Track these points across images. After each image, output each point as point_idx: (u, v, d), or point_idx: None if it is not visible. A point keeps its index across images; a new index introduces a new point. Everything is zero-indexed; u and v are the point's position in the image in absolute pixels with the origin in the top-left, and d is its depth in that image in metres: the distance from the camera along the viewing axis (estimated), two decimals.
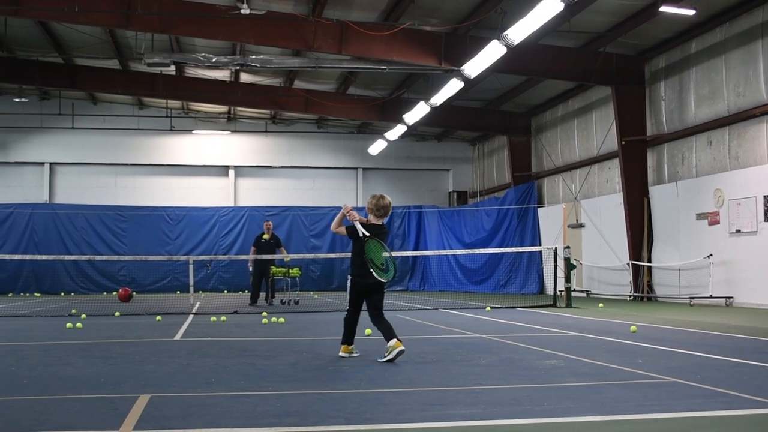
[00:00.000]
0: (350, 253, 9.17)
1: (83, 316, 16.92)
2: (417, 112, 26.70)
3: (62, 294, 32.07)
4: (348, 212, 9.05)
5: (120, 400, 6.35)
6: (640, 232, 23.34)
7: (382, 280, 8.74)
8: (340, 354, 9.13)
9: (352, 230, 8.98)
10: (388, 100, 29.78)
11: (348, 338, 9.19)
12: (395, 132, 30.67)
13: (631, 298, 23.34)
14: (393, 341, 8.61)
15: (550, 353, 9.41)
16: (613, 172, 25.52)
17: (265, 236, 22.56)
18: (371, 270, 8.77)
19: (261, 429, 5.18)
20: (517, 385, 7.02)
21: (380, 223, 9.18)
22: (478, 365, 8.42)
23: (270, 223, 23.19)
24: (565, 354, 9.28)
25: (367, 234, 8.86)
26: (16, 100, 32.75)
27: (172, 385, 7.19)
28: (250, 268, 22.52)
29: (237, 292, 31.63)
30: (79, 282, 33.40)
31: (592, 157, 26.74)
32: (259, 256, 21.73)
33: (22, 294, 32.15)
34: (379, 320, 8.96)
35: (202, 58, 23.25)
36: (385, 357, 8.61)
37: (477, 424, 5.27)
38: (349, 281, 9.15)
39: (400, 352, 8.55)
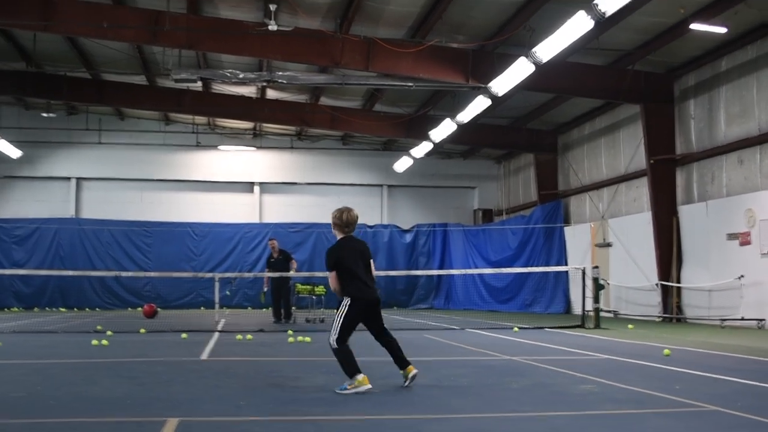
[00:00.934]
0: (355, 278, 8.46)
1: (109, 333, 16.86)
2: (443, 130, 26.56)
3: (87, 309, 32.11)
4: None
5: (148, 424, 6.23)
6: (669, 252, 23.04)
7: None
8: (358, 389, 7.92)
9: (332, 266, 8.44)
10: (414, 117, 29.66)
11: (356, 367, 8.13)
12: (421, 149, 30.54)
13: (661, 319, 23.00)
14: (408, 367, 8.38)
15: (583, 377, 9.21)
16: (641, 190, 25.25)
17: (274, 255, 22.60)
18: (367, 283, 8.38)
19: None
20: (554, 412, 6.83)
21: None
22: (511, 389, 8.24)
23: (274, 241, 23.16)
24: (598, 378, 9.08)
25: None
26: (44, 115, 32.86)
27: (200, 408, 7.06)
28: (265, 289, 22.67)
29: (261, 309, 31.52)
30: (104, 297, 33.43)
31: (620, 175, 26.48)
32: (273, 274, 21.75)
33: (47, 309, 32.22)
34: (389, 339, 8.51)
35: (229, 75, 23.24)
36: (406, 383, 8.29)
37: None
38: (345, 306, 8.30)
39: (414, 377, 8.32)
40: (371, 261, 8.70)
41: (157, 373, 9.67)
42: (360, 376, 7.96)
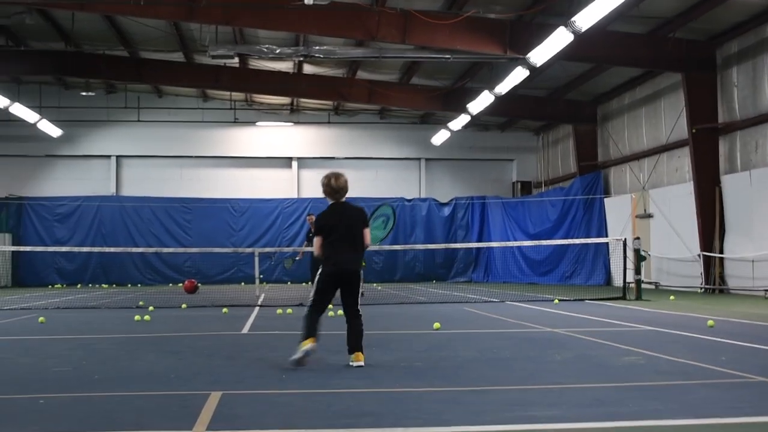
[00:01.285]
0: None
1: (151, 308, 17.01)
2: (481, 102, 26.35)
3: (129, 285, 32.47)
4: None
5: (191, 397, 6.26)
6: (711, 223, 22.72)
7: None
8: (301, 350, 7.78)
9: (317, 231, 8.37)
10: (451, 90, 29.47)
11: (306, 334, 7.94)
12: (458, 122, 30.35)
13: (702, 290, 22.75)
14: (356, 354, 7.96)
15: (626, 349, 9.11)
16: (682, 160, 24.90)
17: (312, 230, 22.59)
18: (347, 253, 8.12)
19: (337, 430, 5.02)
20: (597, 384, 6.77)
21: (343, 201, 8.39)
22: (554, 362, 8.18)
23: (312, 216, 23.15)
24: (642, 350, 8.97)
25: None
26: (83, 94, 33.19)
27: (242, 381, 7.09)
28: (297, 258, 22.61)
29: (300, 283, 31.65)
30: (145, 273, 33.81)
31: (661, 145, 26.12)
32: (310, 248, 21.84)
33: (89, 285, 32.63)
34: (353, 320, 8.17)
35: (265, 50, 23.20)
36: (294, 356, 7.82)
37: (561, 426, 5.05)
38: (319, 273, 8.18)
39: (359, 367, 7.82)
40: (365, 230, 8.31)
41: (199, 348, 9.73)
42: (305, 341, 7.84)
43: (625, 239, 20.75)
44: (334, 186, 8.28)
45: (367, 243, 8.35)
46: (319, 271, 8.19)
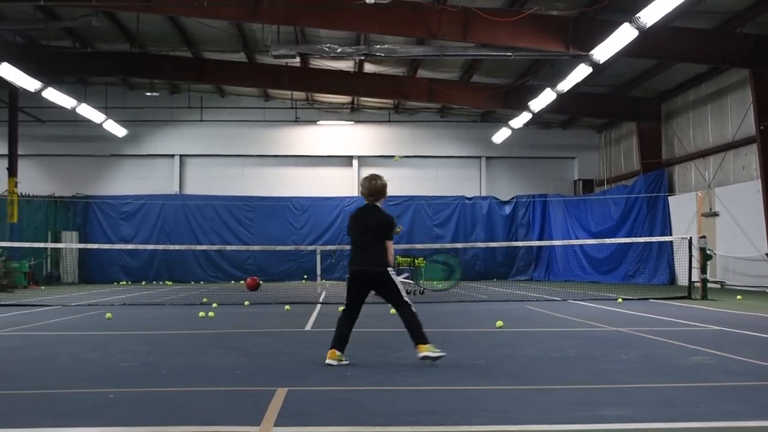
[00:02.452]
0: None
1: (214, 305, 17.20)
2: (542, 99, 26.12)
3: (192, 282, 32.87)
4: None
5: (258, 393, 6.31)
6: None
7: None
8: (327, 361, 7.90)
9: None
10: (512, 88, 29.27)
11: (335, 341, 8.04)
12: (520, 120, 30.14)
13: None
14: (419, 345, 7.89)
15: (694, 349, 8.96)
16: (749, 158, 24.40)
17: None
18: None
19: (402, 428, 5.02)
20: (666, 384, 6.67)
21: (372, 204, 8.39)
22: (620, 361, 8.07)
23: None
24: (710, 350, 8.82)
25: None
26: (148, 94, 33.73)
27: (307, 378, 7.13)
28: None
29: None
30: (208, 271, 34.23)
31: (727, 143, 25.63)
32: None
33: (154, 282, 33.13)
34: (401, 309, 8.12)
35: (327, 49, 23.31)
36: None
37: (633, 426, 4.99)
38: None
39: (425, 358, 7.78)
40: (387, 242, 8.20)
41: (263, 344, 9.81)
42: (329, 351, 7.94)
43: (691, 238, 20.42)
44: (368, 187, 8.39)
45: (389, 257, 8.19)
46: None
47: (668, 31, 21.33)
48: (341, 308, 13.96)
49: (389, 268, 8.13)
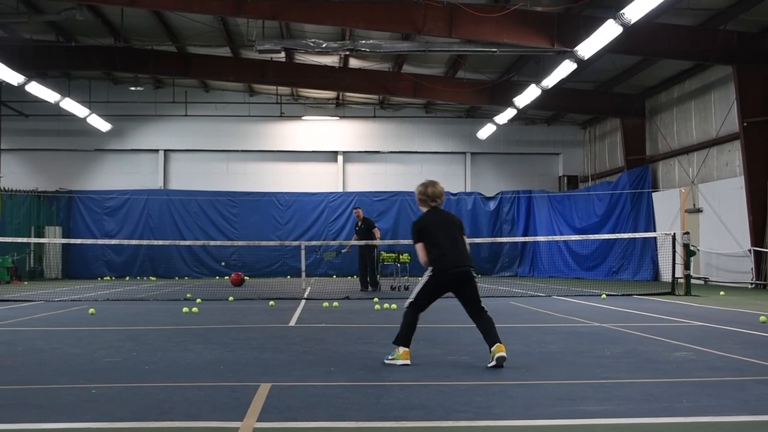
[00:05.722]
0: (444, 243, 8.17)
1: (198, 300, 17.16)
2: (527, 95, 26.17)
3: (176, 278, 32.80)
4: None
5: (241, 388, 6.30)
6: (762, 218, 22.37)
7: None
8: (391, 361, 7.67)
9: (417, 238, 8.11)
10: (497, 84, 29.32)
11: (407, 340, 7.81)
12: (504, 116, 30.21)
13: (753, 285, 22.42)
14: (497, 345, 7.54)
15: (677, 344, 9.00)
16: (733, 154, 24.53)
17: (359, 223, 22.66)
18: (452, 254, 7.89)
19: (387, 423, 5.02)
20: (649, 379, 6.69)
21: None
22: (603, 357, 8.10)
23: (359, 210, 23.17)
24: (693, 345, 8.87)
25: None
26: (132, 88, 33.59)
27: (291, 373, 7.11)
28: (343, 251, 22.95)
29: (346, 277, 31.78)
30: (192, 266, 34.15)
31: (711, 139, 25.76)
32: (358, 242, 21.83)
33: (138, 278, 33.03)
34: (481, 315, 7.89)
35: (312, 44, 23.26)
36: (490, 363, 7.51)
37: (615, 422, 5.00)
38: (426, 276, 7.90)
39: (502, 358, 7.44)
40: (463, 234, 8.21)
41: (247, 340, 9.79)
42: (401, 350, 7.65)
43: (674, 234, 20.51)
44: (431, 193, 8.25)
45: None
46: (428, 274, 7.91)
47: (652, 28, 21.42)
48: (325, 304, 13.91)
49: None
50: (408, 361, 7.58)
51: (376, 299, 16.79)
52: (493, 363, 7.36)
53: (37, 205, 33.41)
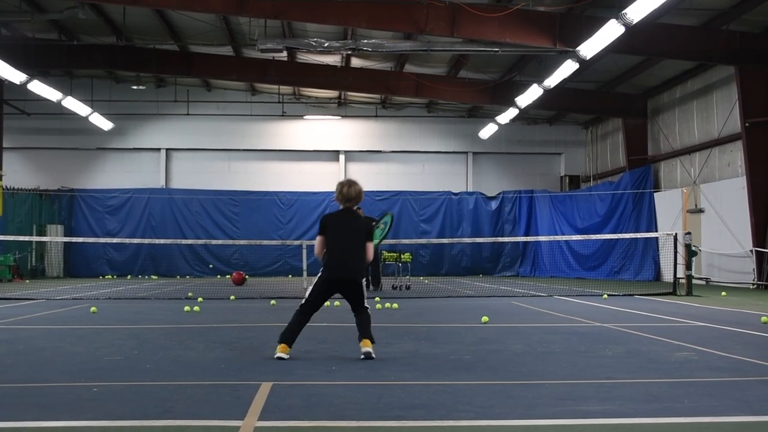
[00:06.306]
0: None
1: (200, 299, 17.16)
2: (529, 95, 26.16)
3: (178, 277, 32.80)
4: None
5: (242, 387, 6.29)
6: (764, 218, 22.36)
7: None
8: (277, 355, 7.97)
9: (320, 230, 8.33)
10: (499, 83, 29.31)
11: (285, 336, 8.12)
12: (506, 115, 30.20)
13: (755, 286, 22.41)
14: (363, 341, 7.94)
15: (679, 344, 9.00)
16: (735, 155, 24.52)
17: None
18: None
19: (388, 422, 5.01)
20: (650, 379, 6.68)
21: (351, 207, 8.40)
22: (605, 357, 8.09)
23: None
24: (695, 346, 8.86)
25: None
26: (134, 87, 33.59)
27: (292, 372, 7.11)
28: None
29: None
30: (194, 265, 34.17)
31: (713, 139, 25.74)
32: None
33: (139, 276, 33.04)
34: (359, 314, 8.19)
35: (314, 43, 23.26)
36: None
37: (616, 422, 4.99)
38: (318, 275, 8.23)
39: (368, 353, 7.83)
40: (367, 242, 8.26)
41: (248, 339, 9.79)
42: (280, 345, 8.00)
43: (676, 234, 20.50)
44: (345, 194, 8.33)
45: (369, 257, 8.33)
46: (319, 274, 8.25)
47: (654, 28, 21.42)
48: (327, 303, 13.92)
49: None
50: (283, 355, 7.91)
51: (377, 298, 16.79)
52: (362, 356, 7.83)
53: (39, 204, 33.44)
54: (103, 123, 32.45)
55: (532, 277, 33.63)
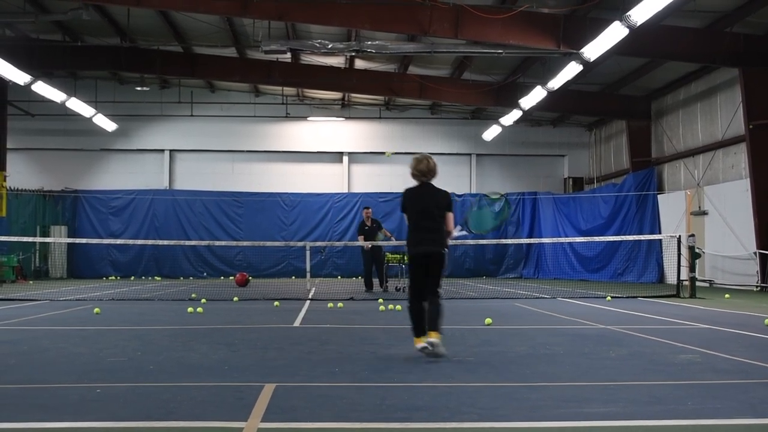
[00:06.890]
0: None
1: (203, 300, 17.16)
2: (533, 97, 26.14)
3: (181, 278, 32.81)
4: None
5: (245, 389, 6.30)
6: None
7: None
8: (418, 347, 8.12)
9: (402, 208, 8.66)
10: (503, 85, 29.30)
11: (418, 329, 8.25)
12: (510, 117, 30.17)
13: (758, 288, 22.37)
14: (429, 332, 8.05)
15: (682, 347, 8.99)
16: (739, 157, 24.48)
17: (367, 223, 22.55)
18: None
19: (391, 424, 5.02)
20: (654, 381, 6.68)
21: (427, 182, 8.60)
22: (608, 359, 8.09)
23: (369, 210, 23.06)
24: (698, 348, 8.85)
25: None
26: (138, 88, 33.63)
27: (296, 374, 7.11)
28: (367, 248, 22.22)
29: (351, 278, 31.79)
30: (197, 266, 34.17)
31: (717, 141, 25.70)
32: (369, 243, 21.74)
33: (143, 277, 33.07)
34: (430, 302, 8.22)
35: (318, 45, 23.26)
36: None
37: (619, 424, 4.99)
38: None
39: (429, 344, 7.96)
40: (447, 212, 8.51)
41: (251, 340, 9.79)
42: (415, 339, 8.15)
43: (680, 236, 20.48)
44: (423, 169, 8.56)
45: (450, 228, 8.50)
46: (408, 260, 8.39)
47: (658, 30, 21.39)
48: (330, 305, 13.94)
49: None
50: (423, 344, 8.03)
51: (381, 300, 16.78)
52: (421, 347, 8.02)
53: (42, 205, 33.47)
54: (106, 124, 32.46)
55: (536, 279, 33.61)
